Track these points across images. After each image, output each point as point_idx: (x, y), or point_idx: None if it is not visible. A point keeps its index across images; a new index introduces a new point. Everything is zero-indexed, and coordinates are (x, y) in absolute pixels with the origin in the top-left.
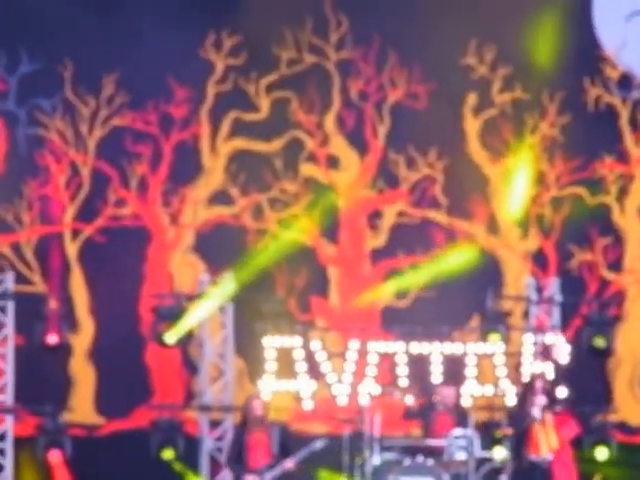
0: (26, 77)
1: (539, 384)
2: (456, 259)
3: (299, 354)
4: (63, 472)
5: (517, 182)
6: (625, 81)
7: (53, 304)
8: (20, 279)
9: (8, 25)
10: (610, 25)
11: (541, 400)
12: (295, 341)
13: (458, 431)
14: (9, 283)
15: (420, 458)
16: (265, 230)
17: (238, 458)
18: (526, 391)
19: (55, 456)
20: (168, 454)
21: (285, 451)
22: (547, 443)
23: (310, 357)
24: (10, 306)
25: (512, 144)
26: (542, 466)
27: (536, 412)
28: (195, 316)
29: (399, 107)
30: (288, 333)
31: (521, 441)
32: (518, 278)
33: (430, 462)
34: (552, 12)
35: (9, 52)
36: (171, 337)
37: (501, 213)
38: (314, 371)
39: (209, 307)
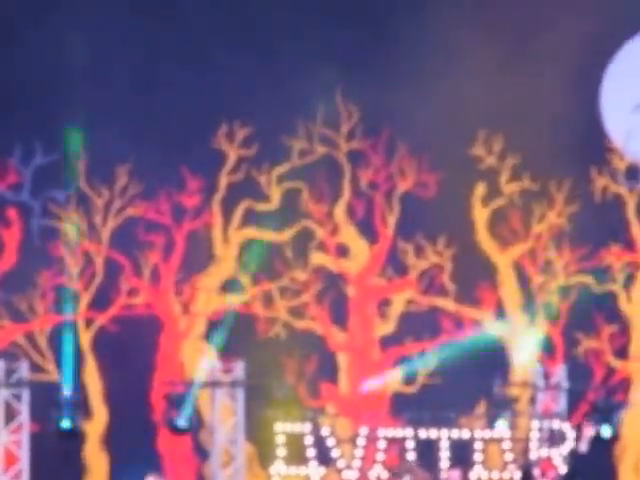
0: (40, 169)
1: (539, 471)
2: None
3: (309, 440)
4: None
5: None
6: (632, 172)
7: (67, 392)
8: (34, 367)
9: (23, 118)
10: (617, 116)
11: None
12: (305, 427)
13: None
14: (24, 372)
15: None
16: (275, 318)
17: None
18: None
19: None
20: None
21: None
22: None
23: (320, 443)
24: (25, 394)
25: (520, 233)
26: None
27: None
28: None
29: (408, 196)
30: (298, 419)
31: None
32: (525, 365)
33: None
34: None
35: (24, 144)
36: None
37: (508, 300)
38: (324, 456)
39: None
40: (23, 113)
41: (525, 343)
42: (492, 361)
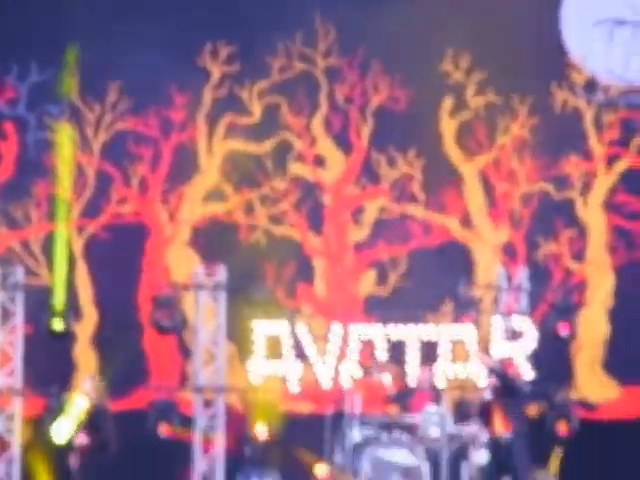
0: (36, 85)
1: (493, 369)
2: None
3: (286, 337)
4: None
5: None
6: (590, 85)
7: (59, 295)
8: (29, 272)
9: (19, 38)
10: (577, 32)
11: (493, 382)
12: (282, 325)
13: (432, 407)
14: (19, 276)
15: (397, 434)
16: (256, 225)
17: None
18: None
19: None
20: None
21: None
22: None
23: (296, 340)
24: (19, 297)
25: (485, 144)
26: (503, 442)
27: (487, 394)
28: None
29: (381, 110)
30: (276, 318)
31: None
32: (489, 267)
33: (406, 437)
34: (523, 20)
35: (20, 63)
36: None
37: (474, 207)
38: (300, 353)
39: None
40: (20, 31)
41: (488, 247)
42: (458, 264)
